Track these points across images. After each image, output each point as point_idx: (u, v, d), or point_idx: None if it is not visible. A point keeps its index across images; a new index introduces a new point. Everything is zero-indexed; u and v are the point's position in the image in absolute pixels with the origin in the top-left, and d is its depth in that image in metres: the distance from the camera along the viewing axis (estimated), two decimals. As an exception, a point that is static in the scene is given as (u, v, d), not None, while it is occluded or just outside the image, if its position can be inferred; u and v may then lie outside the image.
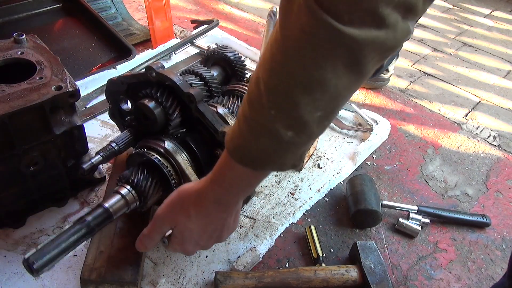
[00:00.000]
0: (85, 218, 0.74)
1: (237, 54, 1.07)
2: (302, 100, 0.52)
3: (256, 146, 0.58)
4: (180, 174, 0.83)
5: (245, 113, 0.58)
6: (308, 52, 0.50)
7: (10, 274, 0.90)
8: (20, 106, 0.80)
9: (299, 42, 0.50)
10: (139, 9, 2.00)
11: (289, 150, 0.58)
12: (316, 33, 0.48)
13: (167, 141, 0.83)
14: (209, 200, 0.70)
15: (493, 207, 1.21)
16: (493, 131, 1.49)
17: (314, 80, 0.51)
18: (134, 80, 0.91)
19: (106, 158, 0.87)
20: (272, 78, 0.54)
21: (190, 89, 0.82)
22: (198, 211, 0.72)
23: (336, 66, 0.49)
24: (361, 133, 1.37)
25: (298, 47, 0.50)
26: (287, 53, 0.52)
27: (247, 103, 0.58)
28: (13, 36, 0.95)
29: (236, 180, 0.66)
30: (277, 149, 0.57)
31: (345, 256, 1.03)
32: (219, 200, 0.70)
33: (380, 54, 0.50)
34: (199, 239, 0.75)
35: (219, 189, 0.68)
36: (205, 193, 0.70)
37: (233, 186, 0.67)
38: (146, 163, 0.83)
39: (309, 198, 1.14)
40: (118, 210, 0.78)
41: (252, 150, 0.59)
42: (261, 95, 0.55)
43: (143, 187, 0.80)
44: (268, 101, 0.54)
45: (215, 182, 0.68)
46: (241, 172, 0.62)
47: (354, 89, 0.56)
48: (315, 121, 0.55)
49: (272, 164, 0.60)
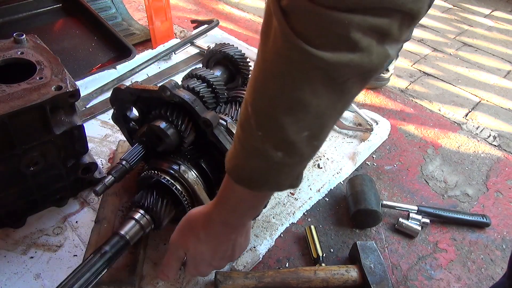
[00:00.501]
0: (103, 247, 0.74)
1: (238, 50, 1.07)
2: (286, 120, 0.53)
3: (249, 166, 0.59)
4: (192, 197, 0.83)
5: (238, 134, 0.59)
6: (285, 75, 0.51)
7: (10, 274, 0.90)
8: (20, 106, 0.80)
9: (276, 65, 0.51)
10: (139, 9, 2.00)
11: (282, 170, 0.58)
12: (290, 56, 0.49)
13: (181, 164, 0.83)
14: (217, 222, 0.71)
15: (493, 207, 1.21)
16: (493, 131, 1.49)
17: (294, 101, 0.52)
18: (145, 94, 0.89)
19: (118, 178, 0.86)
20: (256, 100, 0.55)
21: (206, 114, 0.81)
22: (207, 234, 0.73)
23: (314, 86, 0.50)
24: (361, 133, 1.37)
25: (276, 70, 0.51)
26: (266, 76, 0.53)
27: (239, 124, 0.59)
28: (13, 36, 0.94)
29: (238, 202, 0.66)
30: (269, 169, 0.58)
31: (345, 256, 1.03)
32: (226, 222, 0.70)
33: (359, 76, 0.50)
34: (212, 260, 0.76)
35: (224, 211, 0.69)
36: (212, 215, 0.71)
37: (236, 207, 0.68)
38: (158, 185, 0.83)
39: (309, 198, 1.14)
40: (134, 236, 0.79)
41: (246, 170, 0.60)
42: (249, 116, 0.56)
43: (156, 210, 0.81)
44: (255, 123, 0.55)
45: (220, 204, 0.69)
46: (241, 193, 0.63)
47: (340, 108, 0.56)
48: (303, 141, 0.55)
49: (268, 184, 0.60)
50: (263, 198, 0.68)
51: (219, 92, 0.96)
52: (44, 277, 0.90)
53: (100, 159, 1.17)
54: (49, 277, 0.90)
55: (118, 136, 1.23)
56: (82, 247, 0.96)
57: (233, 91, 1.03)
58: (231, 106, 0.98)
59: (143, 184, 0.86)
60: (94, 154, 1.17)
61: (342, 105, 0.55)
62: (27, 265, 0.92)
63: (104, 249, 0.74)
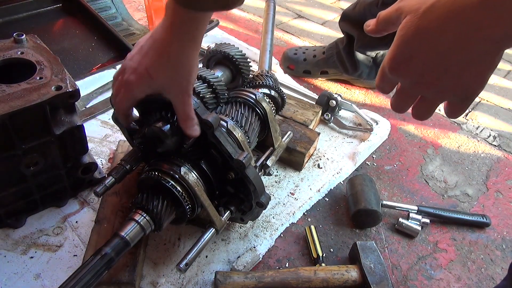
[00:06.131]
0: (103, 249, 0.74)
1: (238, 50, 1.06)
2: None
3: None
4: (193, 198, 0.83)
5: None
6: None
7: (10, 274, 0.90)
8: (20, 106, 0.80)
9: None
10: (139, 9, 2.00)
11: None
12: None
13: (182, 166, 0.83)
14: (154, 37, 0.75)
15: (493, 207, 1.21)
16: (493, 131, 1.49)
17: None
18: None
19: (119, 179, 0.87)
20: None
21: (207, 115, 0.82)
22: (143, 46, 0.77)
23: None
24: (361, 133, 1.37)
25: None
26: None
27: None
28: (13, 36, 0.94)
29: (171, 17, 0.70)
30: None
31: (345, 256, 1.03)
32: (163, 37, 0.73)
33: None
34: (137, 64, 0.78)
35: (161, 28, 0.73)
36: (153, 33, 0.75)
37: (171, 23, 0.71)
38: (158, 186, 0.83)
39: (309, 198, 1.14)
40: (134, 237, 0.79)
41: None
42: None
43: (156, 211, 0.81)
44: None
45: (161, 24, 0.73)
46: (177, 11, 0.68)
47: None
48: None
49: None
50: (197, 19, 0.71)
51: (219, 92, 0.96)
52: (44, 277, 0.90)
53: (100, 159, 1.17)
54: (49, 277, 0.90)
55: (118, 136, 1.23)
56: (82, 247, 0.96)
57: (233, 91, 1.03)
58: (231, 107, 0.98)
59: (143, 185, 0.86)
60: (94, 154, 1.17)
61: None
62: (27, 265, 0.92)
63: (104, 251, 0.74)
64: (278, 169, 1.22)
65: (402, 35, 0.48)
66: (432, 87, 0.50)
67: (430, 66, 0.47)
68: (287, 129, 1.19)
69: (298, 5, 2.24)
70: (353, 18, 1.46)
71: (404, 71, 0.50)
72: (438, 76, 0.48)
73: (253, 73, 1.13)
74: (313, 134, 1.23)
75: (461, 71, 0.46)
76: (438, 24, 0.45)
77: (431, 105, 0.54)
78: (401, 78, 0.51)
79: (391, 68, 0.50)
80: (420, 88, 0.51)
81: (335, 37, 1.64)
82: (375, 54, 1.52)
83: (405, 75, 0.50)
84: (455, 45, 0.45)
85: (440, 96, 0.52)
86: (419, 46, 0.47)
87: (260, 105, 0.99)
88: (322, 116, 1.38)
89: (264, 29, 1.41)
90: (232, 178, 0.85)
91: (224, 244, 1.01)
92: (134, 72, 0.77)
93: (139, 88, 0.78)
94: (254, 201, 0.88)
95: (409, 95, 0.54)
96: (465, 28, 0.43)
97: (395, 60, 0.49)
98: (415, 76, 0.49)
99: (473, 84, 0.48)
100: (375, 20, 0.57)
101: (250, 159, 0.83)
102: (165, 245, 0.99)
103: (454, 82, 0.48)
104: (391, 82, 0.54)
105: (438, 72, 0.47)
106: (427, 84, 0.49)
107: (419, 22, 0.46)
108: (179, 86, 0.76)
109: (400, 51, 0.49)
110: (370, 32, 0.58)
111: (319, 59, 1.60)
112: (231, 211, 0.89)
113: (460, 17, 0.43)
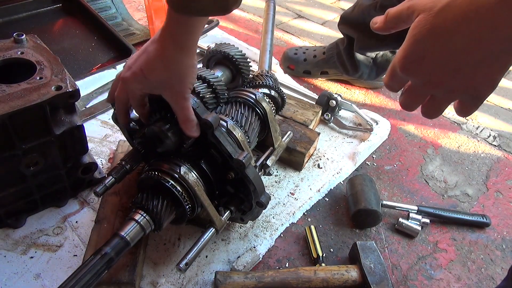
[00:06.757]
0: (103, 249, 0.74)
1: (238, 50, 1.06)
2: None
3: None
4: (193, 198, 0.84)
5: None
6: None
7: (10, 274, 0.90)
8: (20, 106, 0.80)
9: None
10: (139, 9, 2.00)
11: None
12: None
13: (182, 166, 0.83)
14: (155, 41, 0.75)
15: (493, 207, 1.21)
16: (493, 131, 1.49)
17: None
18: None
19: (119, 179, 0.87)
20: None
21: (207, 115, 0.82)
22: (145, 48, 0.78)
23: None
24: (361, 133, 1.37)
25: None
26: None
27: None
28: (13, 36, 0.95)
29: (169, 22, 0.71)
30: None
31: (345, 256, 1.03)
32: (162, 40, 0.74)
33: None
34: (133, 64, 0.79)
35: (162, 33, 0.73)
36: (156, 36, 0.75)
37: (169, 28, 0.72)
38: (158, 186, 0.83)
39: (309, 198, 1.14)
40: (134, 237, 0.79)
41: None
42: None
43: (156, 211, 0.81)
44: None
45: (162, 30, 0.73)
46: (174, 16, 0.69)
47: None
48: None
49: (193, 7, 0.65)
50: (194, 23, 0.71)
51: (219, 92, 0.96)
52: (44, 277, 0.90)
53: (100, 159, 1.17)
54: (49, 277, 0.90)
55: (118, 136, 1.23)
56: (82, 247, 0.96)
57: (233, 91, 1.03)
58: (231, 107, 0.98)
59: (143, 185, 0.86)
60: (94, 154, 1.17)
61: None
62: (27, 265, 0.92)
63: (104, 251, 0.74)
64: (278, 169, 1.22)
65: (416, 33, 0.47)
66: (443, 87, 0.49)
67: (443, 65, 0.47)
68: (287, 129, 1.19)
69: (298, 5, 2.24)
70: (351, 21, 1.46)
71: (416, 70, 0.49)
72: (450, 76, 0.47)
73: (253, 73, 1.13)
74: (313, 134, 1.23)
75: (474, 71, 0.46)
76: (453, 23, 0.44)
77: (442, 104, 0.53)
78: (413, 77, 0.50)
79: (403, 66, 0.49)
80: (432, 87, 0.50)
81: (335, 37, 1.64)
82: (375, 55, 1.52)
83: (416, 74, 0.49)
84: (470, 45, 0.44)
85: (451, 96, 0.51)
86: (433, 45, 0.46)
87: (260, 105, 0.99)
88: (322, 116, 1.38)
89: (264, 29, 1.41)
90: (232, 178, 0.85)
91: (224, 244, 1.01)
92: (130, 70, 0.78)
93: (133, 84, 0.79)
94: (254, 201, 0.88)
95: (420, 94, 0.54)
96: (482, 28, 0.43)
97: (407, 58, 0.49)
98: (427, 75, 0.48)
99: (485, 84, 0.48)
100: (383, 17, 0.55)
101: (250, 159, 0.83)
102: (165, 245, 0.99)
103: (466, 82, 0.47)
104: (402, 80, 0.54)
105: (450, 72, 0.47)
106: (439, 84, 0.49)
107: (434, 21, 0.46)
108: (173, 89, 0.77)
109: (412, 50, 0.48)
110: (377, 30, 0.57)
111: (319, 60, 1.60)
112: (231, 211, 0.89)
113: (477, 16, 0.43)
